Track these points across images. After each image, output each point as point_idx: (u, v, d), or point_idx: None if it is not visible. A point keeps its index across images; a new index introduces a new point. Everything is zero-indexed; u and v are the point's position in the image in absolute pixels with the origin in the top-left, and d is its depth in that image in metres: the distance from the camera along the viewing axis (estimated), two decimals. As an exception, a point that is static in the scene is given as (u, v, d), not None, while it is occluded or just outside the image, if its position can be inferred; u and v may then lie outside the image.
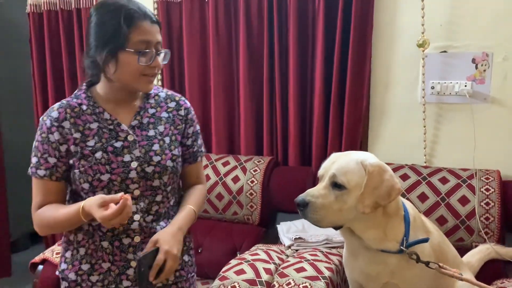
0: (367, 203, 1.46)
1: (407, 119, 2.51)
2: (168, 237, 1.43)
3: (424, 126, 2.45)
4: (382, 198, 1.47)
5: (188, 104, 1.64)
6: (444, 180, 2.27)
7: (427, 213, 2.22)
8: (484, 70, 2.34)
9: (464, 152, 2.38)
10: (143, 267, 1.36)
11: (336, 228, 1.55)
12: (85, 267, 1.50)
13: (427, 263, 1.52)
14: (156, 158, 1.49)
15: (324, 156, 2.48)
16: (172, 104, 1.59)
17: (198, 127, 1.66)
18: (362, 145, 2.60)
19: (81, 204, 1.35)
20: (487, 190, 2.19)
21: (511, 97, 2.31)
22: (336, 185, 1.49)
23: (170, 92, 1.63)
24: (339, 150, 2.44)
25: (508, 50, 2.29)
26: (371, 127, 2.60)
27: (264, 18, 2.65)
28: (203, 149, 1.68)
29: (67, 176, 1.49)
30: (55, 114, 1.47)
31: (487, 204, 2.16)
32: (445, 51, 2.39)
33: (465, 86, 2.37)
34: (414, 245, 1.56)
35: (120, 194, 1.31)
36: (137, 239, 1.49)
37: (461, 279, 1.49)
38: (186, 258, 1.61)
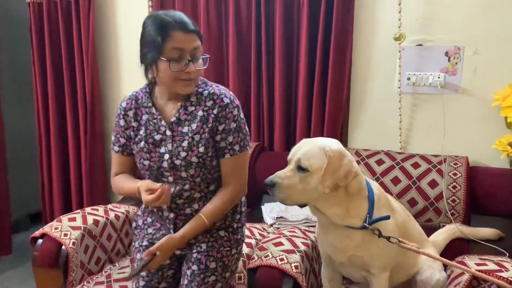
0: (327, 184, 1.62)
1: (384, 108, 2.65)
2: (168, 251, 1.68)
3: (400, 115, 2.59)
4: (340, 180, 1.63)
5: (226, 102, 1.69)
6: (416, 165, 2.42)
7: (399, 195, 2.38)
8: (456, 63, 2.48)
9: (436, 139, 2.53)
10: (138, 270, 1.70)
11: (301, 206, 1.71)
12: (149, 220, 1.88)
13: (388, 238, 1.68)
14: (183, 154, 1.69)
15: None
16: (209, 103, 1.69)
17: (234, 124, 1.70)
18: (342, 132, 2.75)
19: (137, 184, 1.68)
20: (454, 174, 2.35)
21: (480, 89, 2.45)
22: (301, 168, 1.65)
23: (213, 90, 1.71)
24: (321, 137, 2.58)
25: (478, 45, 2.43)
26: (351, 115, 2.74)
27: (252, 13, 2.78)
28: (235, 147, 1.71)
29: None
30: (124, 104, 1.79)
31: (454, 187, 2.32)
32: (420, 45, 2.53)
33: (439, 77, 2.51)
34: (377, 222, 1.72)
35: (159, 184, 1.61)
36: (171, 215, 1.77)
37: (418, 252, 1.66)
38: (222, 233, 1.82)
